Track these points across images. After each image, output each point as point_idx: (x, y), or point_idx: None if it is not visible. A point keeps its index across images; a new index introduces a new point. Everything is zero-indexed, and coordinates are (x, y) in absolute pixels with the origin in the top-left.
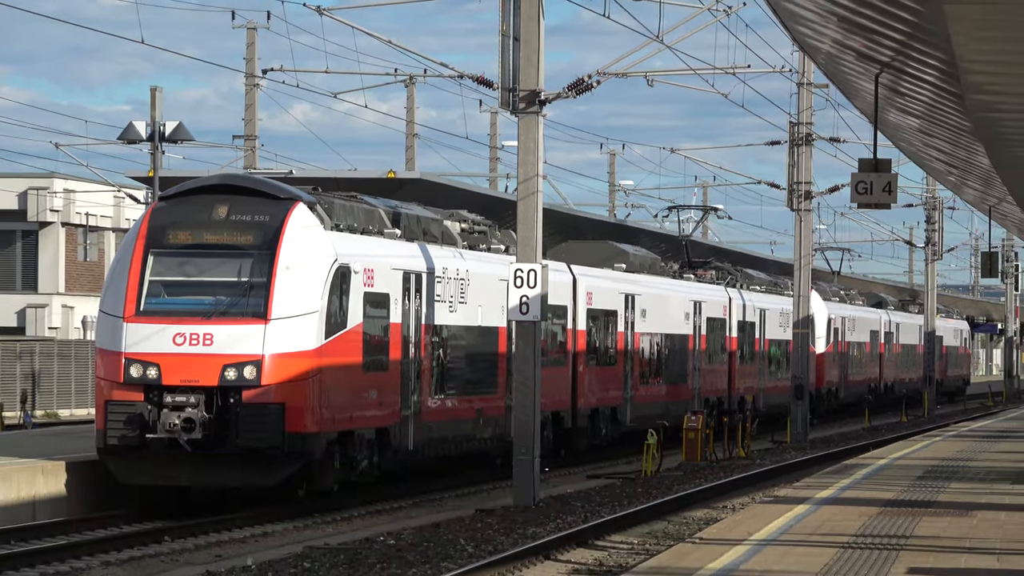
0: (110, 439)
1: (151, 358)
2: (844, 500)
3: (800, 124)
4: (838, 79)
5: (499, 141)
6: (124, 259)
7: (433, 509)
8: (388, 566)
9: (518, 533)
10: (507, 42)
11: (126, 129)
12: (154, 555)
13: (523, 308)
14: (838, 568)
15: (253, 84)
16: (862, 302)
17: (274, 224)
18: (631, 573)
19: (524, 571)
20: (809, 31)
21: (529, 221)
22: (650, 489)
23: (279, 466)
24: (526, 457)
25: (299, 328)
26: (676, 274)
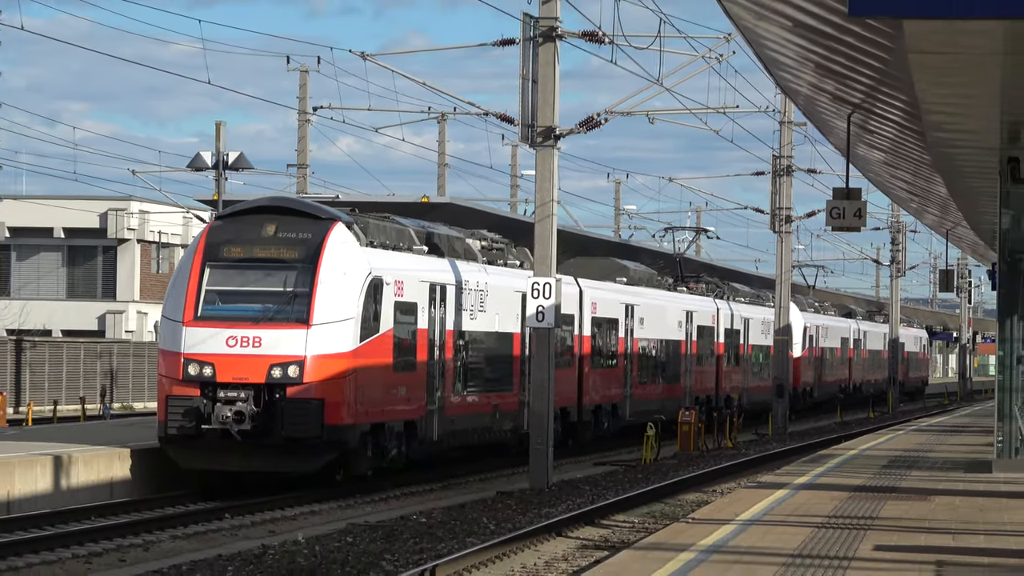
0: (170, 429)
1: (207, 358)
2: (818, 486)
3: (782, 157)
4: (815, 118)
5: (519, 170)
6: (184, 271)
7: (459, 492)
8: (420, 540)
9: (534, 513)
10: (527, 84)
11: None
12: (216, 530)
13: (539, 316)
14: (813, 544)
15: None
16: (834, 312)
17: (316, 241)
18: (633, 548)
19: (539, 546)
20: (789, 76)
21: (545, 240)
22: (649, 475)
23: (319, 454)
24: (541, 446)
25: (337, 332)
26: (671, 287)
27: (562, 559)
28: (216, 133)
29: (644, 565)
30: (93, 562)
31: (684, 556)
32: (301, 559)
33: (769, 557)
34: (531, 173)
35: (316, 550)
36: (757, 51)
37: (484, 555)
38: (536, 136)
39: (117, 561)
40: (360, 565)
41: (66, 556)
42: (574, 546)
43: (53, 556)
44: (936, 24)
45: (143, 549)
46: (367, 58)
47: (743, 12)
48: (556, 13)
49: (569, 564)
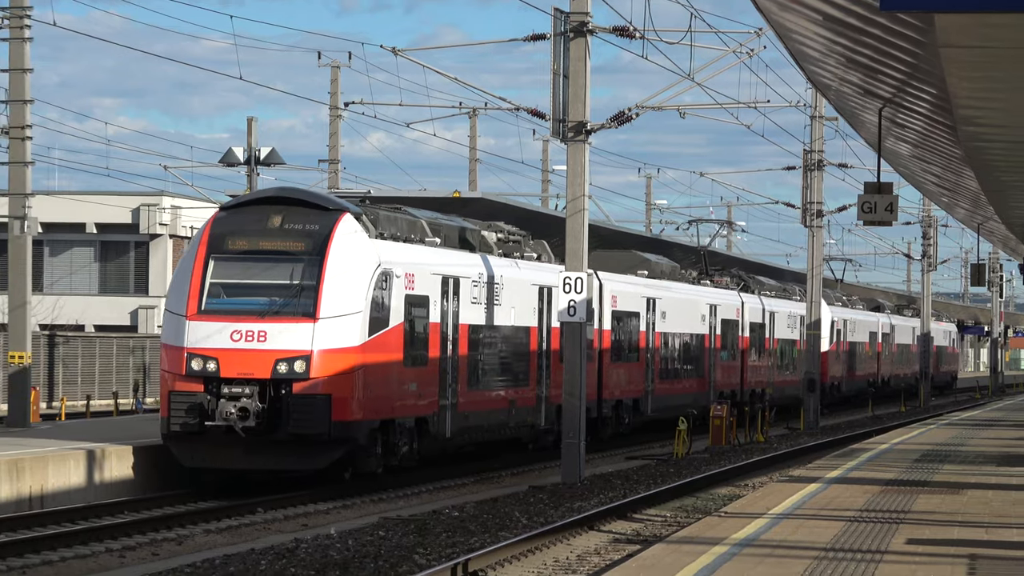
0: (173, 426)
1: (211, 353)
2: (851, 480)
3: (813, 152)
4: (846, 113)
5: (550, 165)
6: (188, 263)
7: (492, 486)
8: (453, 535)
9: (566, 507)
10: (558, 80)
11: (226, 154)
12: (249, 524)
13: (570, 311)
14: (845, 538)
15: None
16: (862, 307)
17: (323, 232)
18: (665, 542)
19: (571, 540)
20: (820, 70)
21: (576, 235)
22: (681, 469)
23: (326, 452)
24: (573, 440)
25: (345, 326)
26: (695, 280)
27: (594, 553)
28: (248, 129)
29: (676, 559)
30: (126, 556)
31: (716, 550)
32: (334, 553)
33: (801, 551)
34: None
35: (349, 544)
36: (788, 45)
37: (516, 549)
38: (567, 131)
39: (150, 555)
40: (393, 559)
41: (99, 550)
42: (606, 540)
43: (87, 550)
44: (967, 18)
45: (176, 543)
46: (398, 53)
47: (774, 6)
48: (587, 8)
49: (601, 558)
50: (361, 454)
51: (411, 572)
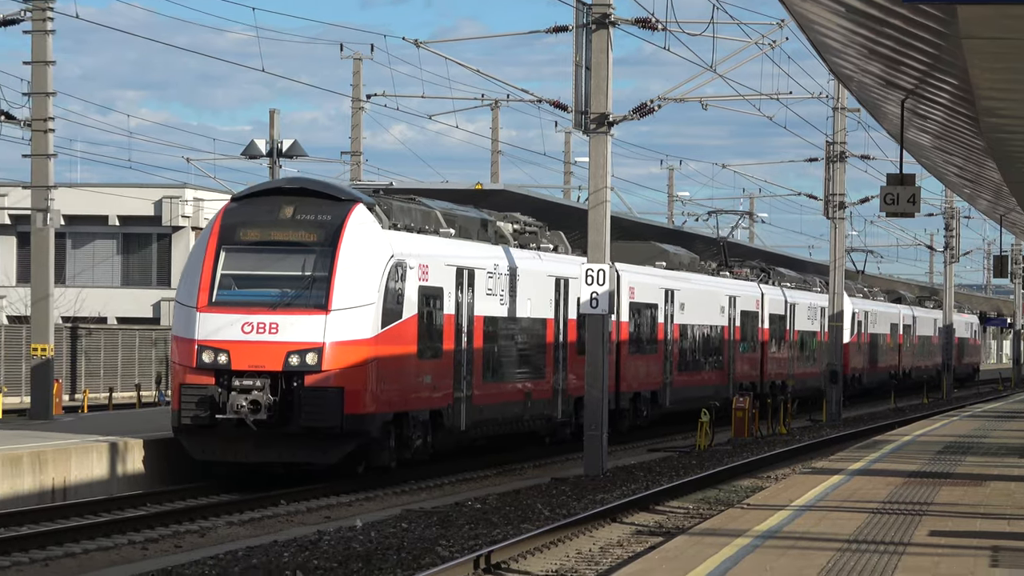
0: (184, 419)
1: (222, 345)
2: (873, 471)
3: (835, 143)
4: (868, 104)
5: (572, 157)
6: (198, 254)
7: (514, 478)
8: (476, 526)
9: (588, 499)
10: (580, 71)
11: (248, 146)
12: (271, 516)
13: (593, 303)
14: (868, 530)
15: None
16: (883, 298)
17: (336, 223)
18: (688, 534)
19: (594, 532)
20: (843, 62)
21: (599, 227)
22: (703, 461)
23: (338, 445)
24: (596, 432)
25: (357, 318)
26: (714, 272)
27: (617, 545)
28: (270, 121)
29: (699, 550)
30: (149, 548)
31: (739, 542)
32: (357, 545)
33: (824, 542)
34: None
35: (372, 536)
36: (810, 37)
37: (539, 541)
38: (589, 123)
39: (173, 547)
40: (415, 551)
41: (122, 542)
42: (629, 532)
43: (109, 542)
44: (990, 9)
45: (199, 535)
46: (420, 45)
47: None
48: (609, 0)
49: (624, 550)
50: (374, 447)
51: (433, 564)
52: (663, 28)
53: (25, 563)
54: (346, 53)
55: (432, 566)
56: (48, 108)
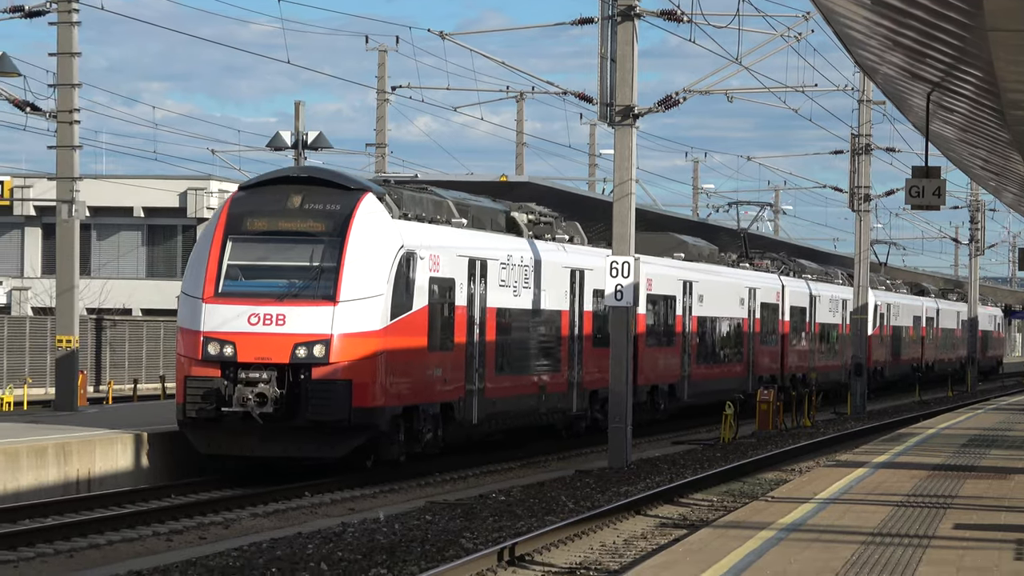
0: (189, 412)
1: (228, 336)
2: (898, 464)
3: (860, 136)
4: (893, 97)
5: (597, 149)
6: (205, 244)
7: (538, 470)
8: (500, 519)
9: (612, 491)
10: (605, 63)
11: (273, 138)
12: (295, 508)
13: (618, 295)
14: (893, 523)
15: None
16: (906, 290)
17: (344, 213)
18: (712, 527)
19: (618, 525)
20: (869, 55)
21: (624, 219)
22: (727, 454)
23: (346, 439)
24: (620, 425)
25: (366, 310)
26: (734, 263)
27: (641, 537)
28: (295, 113)
29: (724, 543)
30: (174, 539)
31: (763, 534)
32: (381, 537)
33: (849, 535)
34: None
35: (395, 528)
36: (836, 29)
37: (563, 533)
38: (614, 115)
39: (197, 539)
40: (439, 543)
41: (147, 533)
42: (653, 524)
43: (134, 533)
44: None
45: (223, 527)
46: (446, 37)
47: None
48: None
49: (648, 542)
50: (383, 441)
51: (458, 556)
52: (688, 20)
53: (50, 554)
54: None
55: (456, 558)
56: (74, 100)
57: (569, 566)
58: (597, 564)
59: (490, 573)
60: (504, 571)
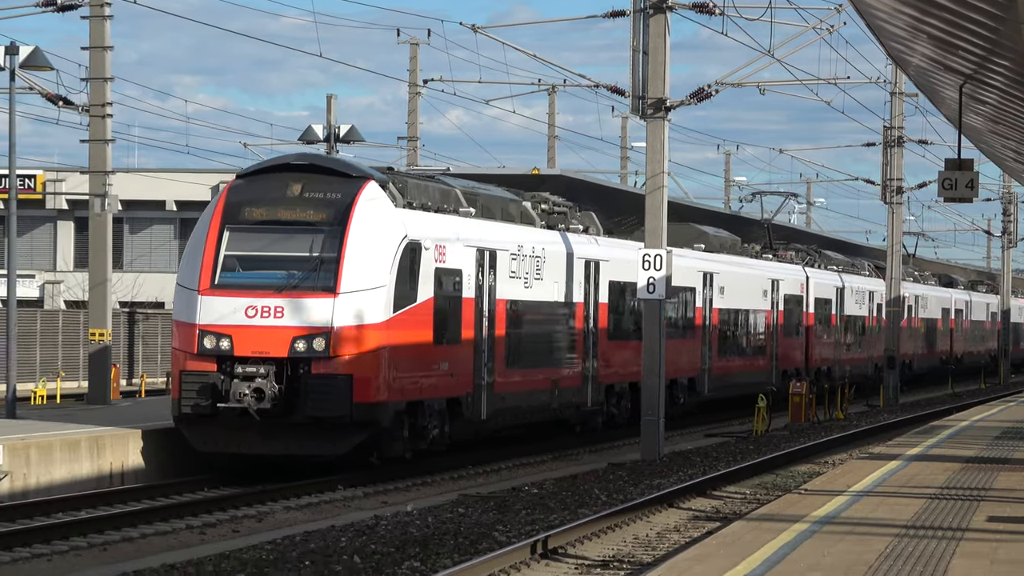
0: (184, 408)
1: (224, 330)
2: (931, 457)
3: (892, 128)
4: (926, 89)
5: (629, 142)
6: (201, 234)
7: (571, 463)
8: (532, 512)
9: (645, 484)
10: (637, 56)
11: (305, 131)
12: (328, 501)
13: (650, 288)
14: (926, 516)
15: (415, 92)
16: (934, 282)
17: (345, 201)
18: (745, 519)
19: (651, 517)
20: (901, 47)
21: (656, 212)
22: (760, 447)
23: (347, 435)
24: (652, 418)
25: (367, 302)
26: (757, 255)
27: (674, 530)
28: (327, 106)
29: (757, 536)
30: (207, 533)
31: (797, 527)
32: (413, 530)
33: (882, 528)
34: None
35: (428, 521)
36: (868, 21)
37: (596, 526)
38: (646, 108)
39: (231, 532)
40: (472, 536)
41: (180, 527)
42: (686, 517)
43: (167, 526)
44: None
45: (256, 520)
46: (477, 30)
47: None
48: None
49: (681, 535)
50: (386, 438)
51: (491, 549)
52: (720, 13)
53: (84, 547)
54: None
55: (489, 551)
56: (106, 93)
57: (602, 559)
58: (630, 557)
59: (523, 566)
60: (537, 564)
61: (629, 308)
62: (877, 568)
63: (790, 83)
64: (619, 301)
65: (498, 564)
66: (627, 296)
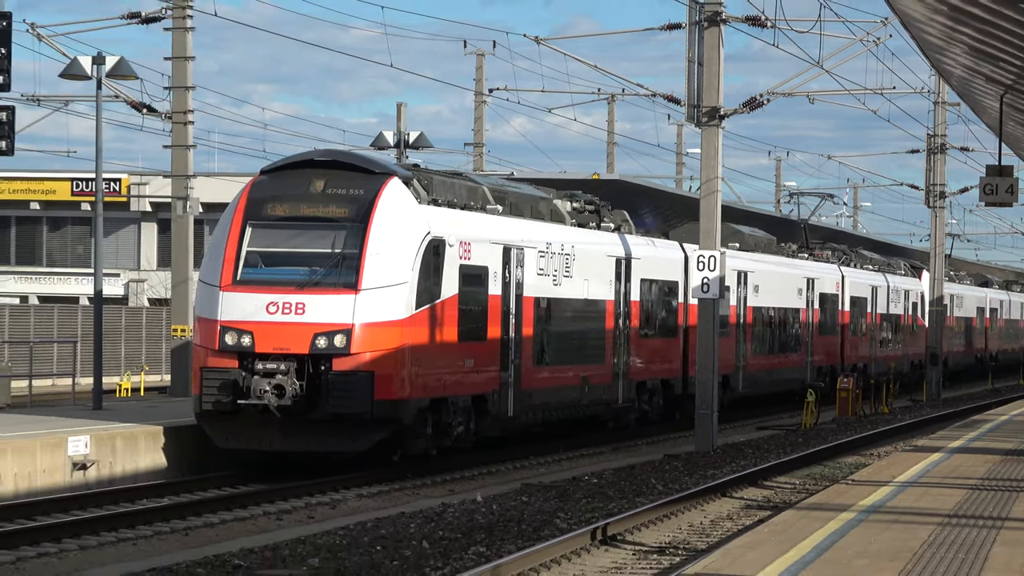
0: (205, 404)
1: (245, 326)
2: (972, 449)
3: (936, 136)
4: (968, 98)
5: (684, 149)
6: (223, 230)
7: (628, 454)
8: (592, 500)
9: (699, 474)
10: (693, 67)
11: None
12: (399, 489)
13: (704, 287)
14: (968, 505)
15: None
16: (970, 282)
17: (368, 198)
18: (795, 508)
19: (705, 506)
20: (944, 59)
21: (710, 215)
22: (809, 439)
23: (368, 432)
24: (705, 411)
25: (389, 298)
26: (793, 254)
27: (727, 518)
28: (397, 114)
29: (806, 524)
30: (283, 519)
31: (844, 516)
32: (479, 517)
33: (926, 517)
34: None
35: (493, 508)
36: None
37: (653, 514)
38: (701, 116)
39: (305, 518)
40: (535, 523)
41: (257, 513)
42: (738, 506)
43: (246, 513)
44: None
45: (330, 507)
46: (540, 42)
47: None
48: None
49: (734, 523)
50: (408, 435)
51: (553, 535)
52: (772, 25)
53: (167, 532)
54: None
55: (551, 538)
56: (188, 101)
57: (659, 545)
58: (685, 543)
59: (583, 551)
60: (597, 549)
61: (661, 305)
62: (921, 555)
63: (838, 92)
64: (651, 298)
65: (560, 550)
66: (659, 293)
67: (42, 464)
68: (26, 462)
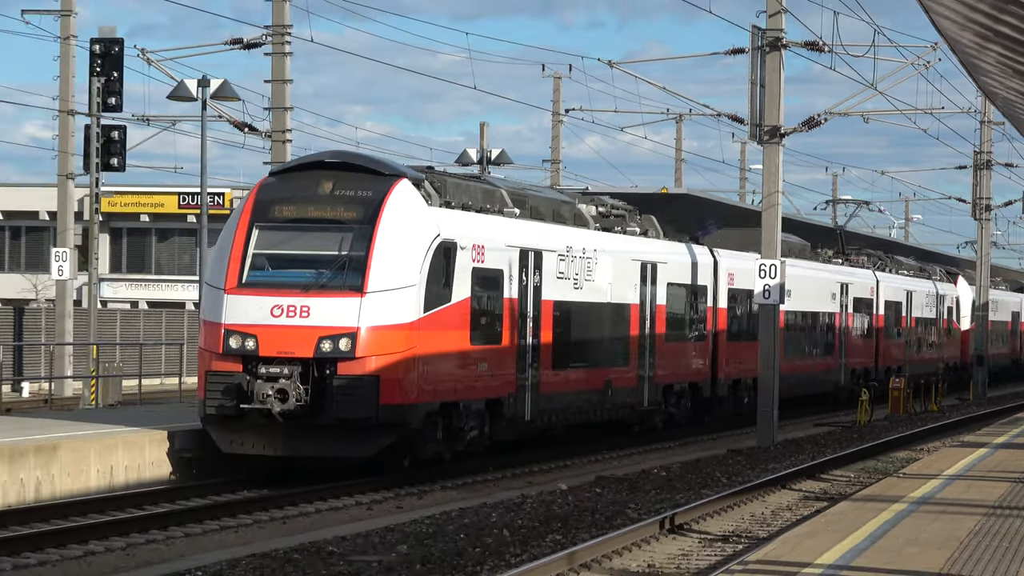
0: (209, 408)
1: (249, 329)
2: (1016, 445)
3: (982, 153)
4: (1013, 118)
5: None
6: (229, 233)
7: (694, 449)
8: (661, 492)
9: (761, 468)
10: (755, 89)
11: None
12: (481, 482)
13: (766, 294)
14: (1011, 497)
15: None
16: (1005, 287)
17: (376, 199)
18: (850, 500)
19: (766, 497)
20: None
21: (770, 226)
22: (863, 435)
23: (374, 438)
24: (767, 409)
25: (396, 302)
26: (828, 259)
27: (786, 509)
28: (480, 133)
29: (860, 514)
30: (374, 508)
31: (896, 507)
32: (556, 507)
33: (972, 508)
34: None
35: (569, 499)
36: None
37: (717, 505)
38: (763, 134)
39: (394, 508)
40: (608, 512)
41: (350, 503)
42: (797, 497)
43: (339, 503)
44: None
45: (417, 497)
46: (613, 66)
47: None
48: (781, 25)
49: (793, 513)
50: (417, 440)
51: (624, 525)
52: (829, 50)
53: (266, 521)
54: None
55: (623, 527)
56: (286, 121)
57: (723, 534)
58: (747, 532)
59: (653, 540)
60: (665, 538)
61: (690, 309)
62: (967, 544)
63: (891, 112)
64: (678, 302)
65: (631, 538)
66: (687, 297)
67: (150, 457)
68: (135, 456)
